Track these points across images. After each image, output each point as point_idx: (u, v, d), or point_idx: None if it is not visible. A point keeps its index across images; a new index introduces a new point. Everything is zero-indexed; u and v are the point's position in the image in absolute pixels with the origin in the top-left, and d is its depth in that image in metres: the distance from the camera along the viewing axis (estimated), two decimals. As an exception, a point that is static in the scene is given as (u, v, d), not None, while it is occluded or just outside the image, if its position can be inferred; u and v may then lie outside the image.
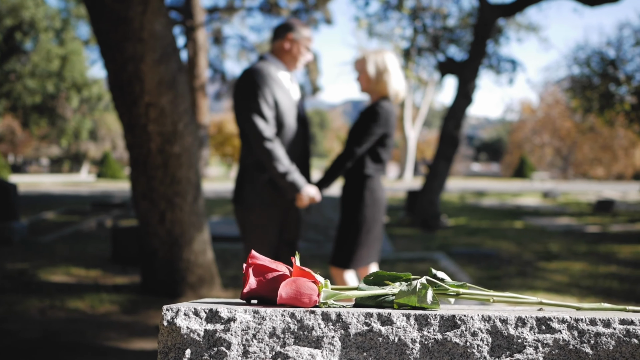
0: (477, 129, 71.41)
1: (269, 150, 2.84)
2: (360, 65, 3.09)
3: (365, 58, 3.07)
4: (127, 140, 4.32)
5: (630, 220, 10.83)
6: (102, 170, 30.49)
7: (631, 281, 5.28)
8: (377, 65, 3.04)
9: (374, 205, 3.00)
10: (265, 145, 2.84)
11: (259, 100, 2.86)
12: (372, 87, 3.06)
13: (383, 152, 3.03)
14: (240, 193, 3.03)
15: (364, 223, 2.98)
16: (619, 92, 20.03)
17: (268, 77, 2.92)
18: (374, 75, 3.04)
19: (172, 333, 0.80)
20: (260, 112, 2.85)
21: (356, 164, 3.02)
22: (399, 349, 0.80)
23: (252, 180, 2.99)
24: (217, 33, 24.90)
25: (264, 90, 2.87)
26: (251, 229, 3.03)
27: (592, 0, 10.25)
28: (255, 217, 2.99)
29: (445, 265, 5.85)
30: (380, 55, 3.06)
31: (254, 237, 3.03)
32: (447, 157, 9.96)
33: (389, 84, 3.03)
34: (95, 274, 5.32)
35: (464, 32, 13.80)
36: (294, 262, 0.91)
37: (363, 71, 3.07)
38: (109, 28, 3.97)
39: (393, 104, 3.09)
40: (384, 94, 3.05)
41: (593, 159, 37.50)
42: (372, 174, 3.01)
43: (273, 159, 2.85)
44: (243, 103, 2.90)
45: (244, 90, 2.91)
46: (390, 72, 3.03)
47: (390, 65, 3.04)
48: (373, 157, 3.01)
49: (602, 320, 0.81)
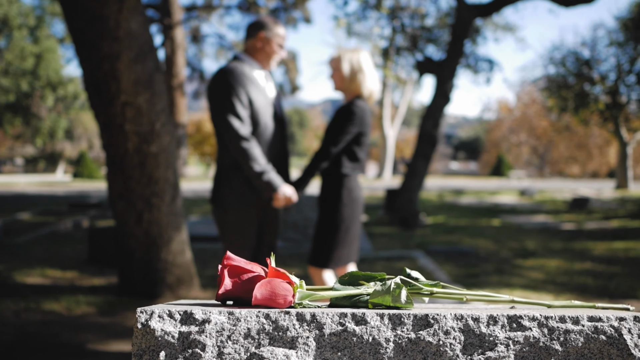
0: (456, 127, 72.07)
1: (245, 149, 2.83)
2: (335, 63, 3.09)
3: (341, 57, 3.07)
4: (103, 140, 4.27)
5: (605, 218, 11.03)
6: (79, 170, 30.07)
7: (605, 277, 5.38)
8: (352, 64, 3.04)
9: (352, 204, 3.02)
10: (241, 144, 2.82)
11: (232, 100, 2.84)
12: (346, 86, 3.06)
13: (359, 151, 3.04)
14: (218, 194, 3.02)
15: (342, 222, 2.99)
16: (594, 92, 20.40)
17: (242, 76, 2.91)
18: (348, 74, 3.04)
19: (146, 335, 0.80)
20: (235, 112, 2.84)
21: (333, 163, 3.02)
22: (373, 348, 0.81)
23: (230, 180, 2.97)
24: (195, 31, 24.74)
25: (238, 89, 2.86)
26: (229, 229, 3.02)
27: (567, 1, 10.41)
28: (233, 218, 2.98)
29: (423, 263, 5.90)
30: (356, 54, 3.06)
31: (233, 238, 3.02)
32: (426, 155, 10.03)
33: (363, 83, 3.03)
34: (72, 275, 5.25)
35: (442, 32, 13.92)
36: (269, 263, 0.91)
37: (337, 69, 3.07)
38: (84, 26, 3.92)
39: (367, 103, 3.10)
40: (358, 93, 3.05)
41: (569, 157, 38.11)
42: (349, 173, 3.02)
43: (249, 158, 2.84)
44: (218, 103, 2.89)
45: (218, 91, 2.90)
46: (364, 71, 3.04)
47: (365, 65, 3.05)
48: (349, 156, 3.02)
49: (571, 317, 0.83)
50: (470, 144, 54.61)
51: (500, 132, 41.29)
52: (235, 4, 23.05)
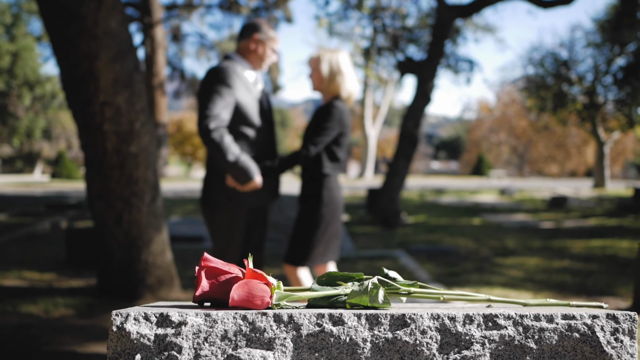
0: (436, 127, 72.55)
1: (215, 141, 2.78)
2: (314, 63, 3.08)
3: (320, 57, 3.07)
4: (81, 140, 4.22)
5: (583, 216, 11.19)
6: (57, 170, 29.65)
7: (583, 275, 5.46)
8: (331, 65, 3.03)
9: (332, 203, 3.02)
10: (211, 136, 2.78)
11: (212, 97, 2.84)
12: (324, 86, 3.06)
13: (339, 151, 3.03)
14: (208, 193, 3.02)
15: (320, 221, 2.99)
16: (572, 92, 20.68)
17: (233, 75, 2.91)
18: (327, 75, 3.03)
19: (121, 338, 0.79)
20: (209, 109, 2.82)
21: (313, 163, 3.02)
22: (350, 348, 0.81)
23: (219, 180, 2.97)
24: (176, 30, 24.56)
25: (221, 88, 2.86)
26: (219, 229, 3.01)
27: (546, 3, 10.54)
28: (223, 218, 2.98)
29: (405, 262, 5.93)
30: (335, 55, 3.06)
31: (222, 238, 3.02)
32: (407, 155, 10.09)
33: (342, 85, 3.03)
34: (50, 277, 5.18)
35: (423, 32, 14.00)
36: (246, 264, 0.90)
37: (316, 70, 3.07)
38: (62, 24, 3.86)
39: (346, 104, 3.10)
40: (337, 94, 3.05)
41: (547, 156, 38.60)
42: (329, 173, 3.02)
43: (220, 149, 2.79)
44: (201, 102, 2.88)
45: (203, 89, 2.90)
46: (343, 73, 3.03)
47: (344, 66, 3.04)
48: (330, 156, 3.02)
49: (545, 315, 0.84)
50: (451, 144, 55.01)
51: (481, 131, 41.66)
52: (216, 3, 22.92)
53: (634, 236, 8.00)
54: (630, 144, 35.34)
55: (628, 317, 0.85)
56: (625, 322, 0.85)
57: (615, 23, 15.10)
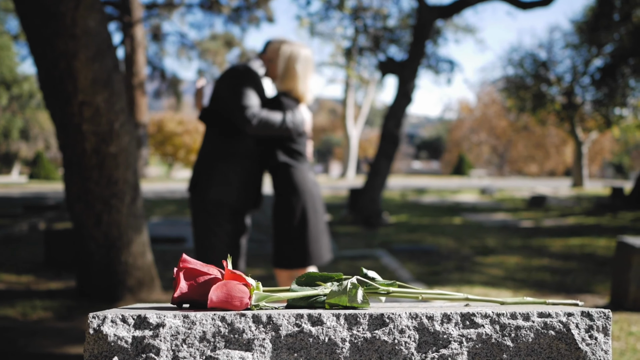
0: (418, 127, 72.92)
1: (259, 126, 2.83)
2: (272, 54, 3.00)
3: (280, 50, 2.97)
4: (60, 140, 4.16)
5: (561, 215, 11.35)
6: (35, 171, 29.22)
7: (562, 273, 5.54)
8: (288, 64, 2.94)
9: (305, 195, 2.90)
10: (253, 125, 2.82)
11: (248, 91, 2.88)
12: (278, 82, 2.99)
13: (294, 144, 2.96)
14: (198, 181, 3.02)
15: (304, 215, 2.88)
16: (550, 93, 20.96)
17: (259, 79, 2.97)
18: (281, 72, 2.95)
19: (98, 341, 0.78)
20: (251, 99, 2.87)
21: (271, 157, 2.97)
22: (329, 348, 0.81)
23: (211, 171, 2.97)
24: (156, 30, 24.36)
25: (252, 87, 2.91)
26: (203, 221, 3.00)
27: (524, 4, 10.67)
28: (209, 210, 2.98)
29: (386, 262, 5.96)
30: (295, 52, 2.95)
31: (205, 230, 3.01)
32: (388, 155, 10.13)
33: (296, 86, 2.95)
34: (28, 279, 5.11)
35: (404, 33, 14.07)
36: (225, 265, 0.90)
37: (273, 62, 2.99)
38: (39, 23, 3.81)
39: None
40: (289, 91, 2.98)
41: (527, 156, 39.07)
42: (291, 164, 2.94)
43: (272, 125, 2.84)
44: (234, 91, 2.89)
45: (237, 80, 2.91)
46: (298, 75, 2.94)
47: (301, 67, 2.94)
48: (285, 149, 2.95)
49: (522, 314, 0.85)
50: (432, 144, 55.35)
51: (461, 131, 42.00)
52: (197, 3, 22.79)
53: (611, 234, 8.13)
54: (608, 143, 35.93)
55: (602, 315, 0.86)
56: (599, 319, 0.86)
57: (592, 25, 15.33)
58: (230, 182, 2.96)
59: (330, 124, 47.63)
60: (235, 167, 2.97)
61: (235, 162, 2.98)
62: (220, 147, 3.00)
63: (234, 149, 2.99)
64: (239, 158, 2.99)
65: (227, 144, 2.99)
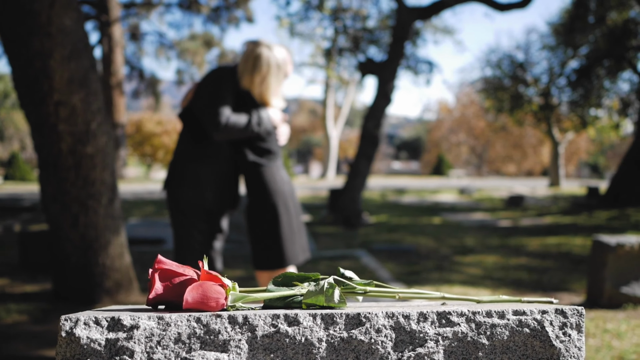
0: (397, 128, 73.27)
1: (231, 126, 2.82)
2: (243, 55, 3.02)
3: (245, 52, 2.98)
4: (35, 141, 4.10)
5: (539, 214, 11.49)
6: (10, 172, 28.69)
7: (539, 272, 5.61)
8: (248, 65, 2.92)
9: (276, 194, 2.88)
10: (221, 129, 2.81)
11: (222, 91, 2.87)
12: (240, 75, 2.96)
13: (262, 143, 2.94)
14: (170, 181, 3.01)
15: (278, 212, 2.87)
16: (528, 94, 21.22)
17: (234, 78, 2.96)
18: (241, 73, 2.93)
19: (71, 344, 0.77)
20: (223, 101, 2.85)
21: (240, 155, 2.96)
22: (305, 348, 0.81)
23: (184, 171, 2.96)
24: (134, 29, 24.10)
25: (228, 86, 2.89)
26: (179, 218, 2.99)
27: (502, 5, 10.79)
28: (183, 206, 2.97)
29: (366, 261, 5.97)
30: (261, 53, 2.93)
31: (180, 228, 2.99)
32: (368, 155, 10.16)
33: (253, 83, 2.92)
34: (2, 282, 5.01)
35: (383, 34, 14.14)
36: (201, 265, 0.89)
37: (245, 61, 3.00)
38: (14, 21, 3.75)
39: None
40: (249, 89, 2.95)
41: (505, 156, 39.50)
42: (260, 162, 2.93)
43: (239, 128, 2.83)
44: (206, 91, 2.89)
45: (212, 81, 2.91)
46: (262, 74, 2.91)
47: (264, 67, 2.91)
48: (252, 148, 2.94)
49: (497, 312, 0.86)
50: (412, 144, 55.67)
51: (441, 132, 42.32)
52: (176, 2, 22.61)
53: (587, 233, 8.26)
54: (584, 144, 36.50)
55: (576, 312, 0.87)
56: (573, 316, 0.87)
57: (568, 27, 15.55)
58: (201, 184, 2.95)
59: (310, 125, 47.64)
60: (207, 168, 2.96)
61: (208, 163, 2.97)
62: (193, 148, 2.99)
63: (207, 149, 2.97)
64: (212, 159, 2.98)
65: (201, 145, 2.98)
